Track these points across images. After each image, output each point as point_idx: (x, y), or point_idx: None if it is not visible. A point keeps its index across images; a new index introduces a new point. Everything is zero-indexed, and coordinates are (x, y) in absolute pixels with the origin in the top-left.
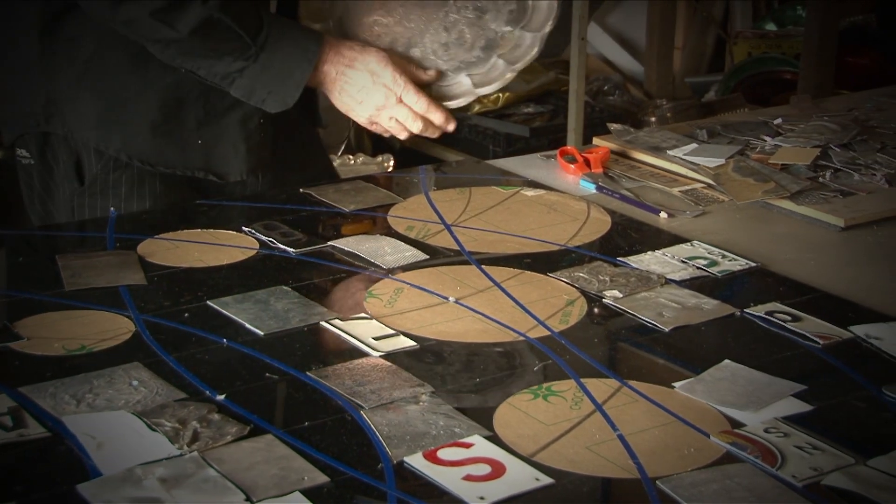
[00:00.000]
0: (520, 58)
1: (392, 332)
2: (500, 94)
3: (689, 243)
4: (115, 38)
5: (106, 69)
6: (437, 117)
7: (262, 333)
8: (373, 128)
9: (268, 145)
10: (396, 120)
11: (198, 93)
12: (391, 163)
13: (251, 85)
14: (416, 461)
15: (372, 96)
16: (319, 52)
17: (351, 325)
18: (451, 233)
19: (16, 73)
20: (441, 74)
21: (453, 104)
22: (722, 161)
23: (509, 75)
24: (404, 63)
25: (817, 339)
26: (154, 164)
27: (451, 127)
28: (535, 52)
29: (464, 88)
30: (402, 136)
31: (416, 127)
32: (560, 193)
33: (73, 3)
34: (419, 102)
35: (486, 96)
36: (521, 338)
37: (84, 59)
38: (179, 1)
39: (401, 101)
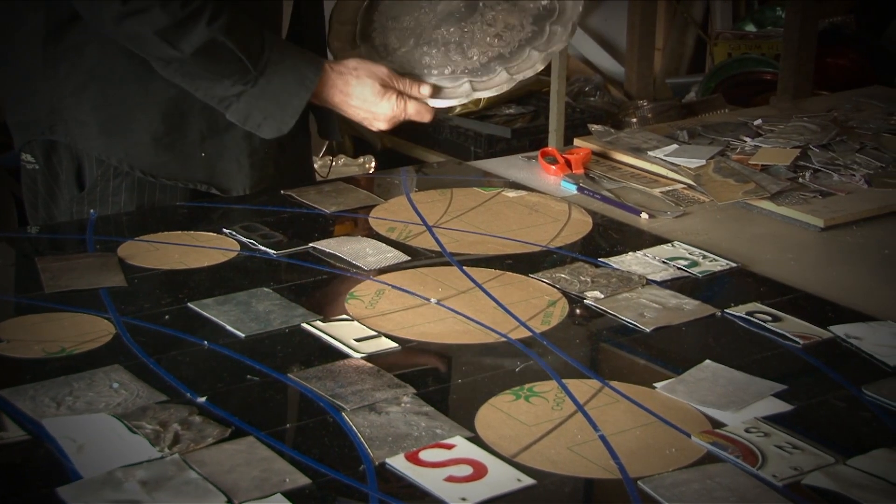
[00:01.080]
0: (570, 18)
1: (373, 333)
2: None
3: (669, 244)
4: (118, 47)
5: (109, 79)
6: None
7: (244, 335)
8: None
9: (272, 161)
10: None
11: (201, 106)
12: (372, 164)
13: (247, 110)
14: (398, 462)
15: (377, 107)
16: (318, 80)
17: (332, 327)
18: (433, 234)
19: (21, 81)
20: (436, 88)
21: (527, 74)
22: (702, 162)
23: (567, 36)
24: (399, 80)
25: (797, 339)
26: (156, 175)
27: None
28: (579, 7)
29: (533, 60)
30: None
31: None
32: (541, 194)
33: (79, 13)
34: (403, 113)
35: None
36: (503, 339)
37: (87, 69)
38: (184, 21)
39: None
